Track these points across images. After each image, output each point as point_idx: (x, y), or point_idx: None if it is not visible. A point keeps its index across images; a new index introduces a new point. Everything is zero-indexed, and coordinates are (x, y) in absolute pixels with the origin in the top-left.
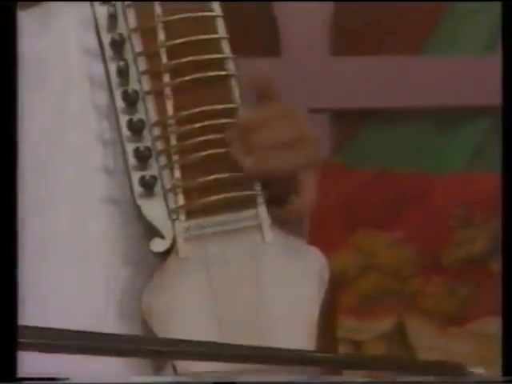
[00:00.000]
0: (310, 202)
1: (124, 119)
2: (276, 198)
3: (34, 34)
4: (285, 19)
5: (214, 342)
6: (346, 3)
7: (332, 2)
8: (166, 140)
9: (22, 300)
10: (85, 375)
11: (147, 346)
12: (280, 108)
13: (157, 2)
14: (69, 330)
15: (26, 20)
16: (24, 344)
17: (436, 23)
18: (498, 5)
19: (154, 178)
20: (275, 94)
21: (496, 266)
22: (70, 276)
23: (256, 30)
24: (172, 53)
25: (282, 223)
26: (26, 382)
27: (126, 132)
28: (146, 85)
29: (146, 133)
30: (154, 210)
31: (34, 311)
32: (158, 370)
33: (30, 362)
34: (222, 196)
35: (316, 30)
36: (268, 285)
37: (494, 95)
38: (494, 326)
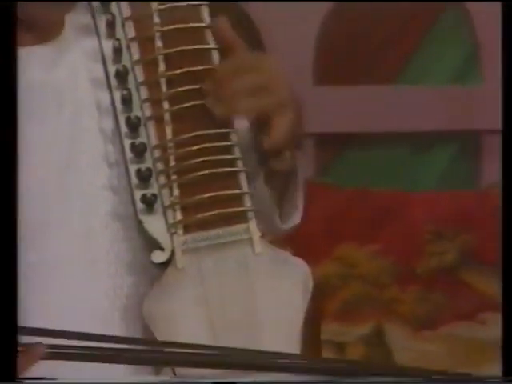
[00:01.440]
0: (280, 140)
1: (127, 143)
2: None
3: (47, 66)
4: (273, 53)
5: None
6: (327, 39)
7: (314, 37)
8: (166, 161)
9: (36, 305)
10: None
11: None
12: (248, 57)
13: (157, 37)
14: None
15: (40, 53)
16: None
17: (410, 56)
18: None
19: (154, 195)
20: (240, 44)
21: (465, 275)
22: (79, 284)
23: None
24: (171, 82)
25: (269, 180)
26: (26, 381)
27: (129, 154)
28: (148, 111)
29: (147, 155)
30: (155, 224)
31: (46, 315)
32: (157, 373)
33: None
34: (216, 212)
35: (301, 63)
36: (258, 293)
37: (462, 121)
38: (463, 329)
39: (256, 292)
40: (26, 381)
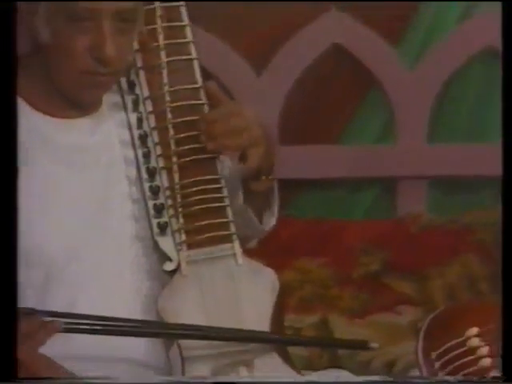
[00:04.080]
0: (253, 167)
1: (147, 185)
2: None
3: (88, 133)
4: None
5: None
6: (288, 112)
7: (279, 109)
8: (174, 198)
9: (79, 304)
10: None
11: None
12: (230, 107)
13: (168, 110)
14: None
15: (84, 122)
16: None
17: (346, 125)
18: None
19: (166, 222)
20: (224, 98)
21: (385, 279)
22: (110, 288)
23: None
24: (178, 143)
25: (253, 196)
26: (26, 381)
27: (148, 193)
28: (161, 163)
29: (161, 194)
30: (166, 243)
31: (86, 311)
32: (167, 346)
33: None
34: (210, 235)
35: (268, 127)
36: (240, 292)
37: (382, 170)
38: (384, 318)
39: (239, 292)
40: (26, 381)
